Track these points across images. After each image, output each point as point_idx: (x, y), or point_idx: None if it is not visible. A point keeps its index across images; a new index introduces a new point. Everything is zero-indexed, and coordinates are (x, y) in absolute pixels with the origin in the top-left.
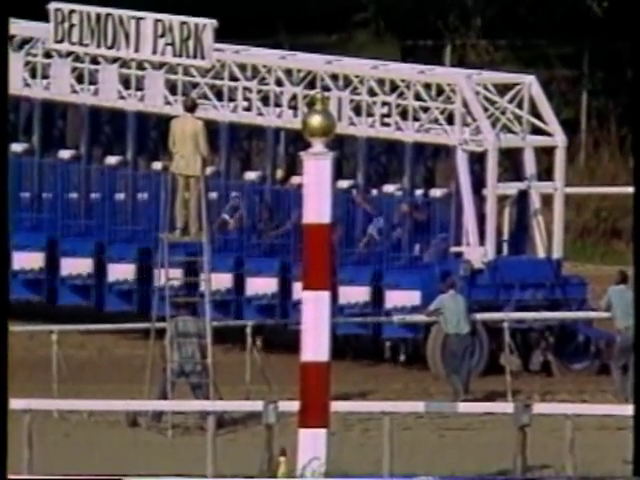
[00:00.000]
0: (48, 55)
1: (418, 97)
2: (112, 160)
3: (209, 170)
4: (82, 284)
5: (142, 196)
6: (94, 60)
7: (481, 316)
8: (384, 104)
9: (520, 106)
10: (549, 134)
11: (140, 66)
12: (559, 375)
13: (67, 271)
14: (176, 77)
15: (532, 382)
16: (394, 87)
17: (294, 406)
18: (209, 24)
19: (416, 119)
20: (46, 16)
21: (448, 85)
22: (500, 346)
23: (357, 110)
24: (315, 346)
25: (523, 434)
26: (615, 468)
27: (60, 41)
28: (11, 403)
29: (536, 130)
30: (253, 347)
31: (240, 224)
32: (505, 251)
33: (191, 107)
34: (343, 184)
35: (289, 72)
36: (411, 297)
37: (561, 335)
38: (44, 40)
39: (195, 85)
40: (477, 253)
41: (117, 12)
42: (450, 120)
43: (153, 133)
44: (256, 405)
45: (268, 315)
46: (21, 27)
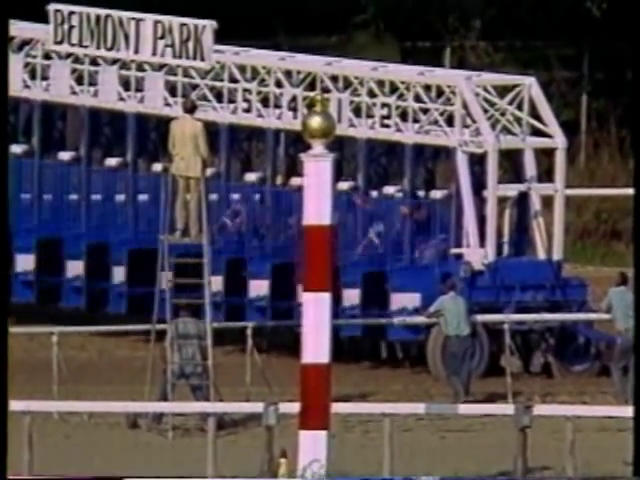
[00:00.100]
0: (48, 56)
1: (418, 99)
2: (112, 162)
3: (209, 172)
4: (81, 286)
5: (142, 198)
6: (94, 61)
7: (481, 318)
8: (384, 105)
9: (520, 108)
10: (549, 136)
11: (140, 67)
12: (559, 377)
13: (72, 273)
14: (176, 78)
15: (532, 384)
16: (394, 88)
17: (294, 408)
18: (209, 25)
19: (416, 121)
20: (46, 17)
21: (448, 87)
22: (500, 348)
23: (357, 111)
24: (315, 348)
25: (524, 435)
26: (615, 469)
27: (60, 42)
28: (11, 405)
29: (536, 132)
30: (254, 349)
31: (240, 228)
32: (505, 253)
33: (191, 108)
34: (343, 186)
35: (289, 73)
36: (411, 299)
37: (561, 337)
38: (44, 41)
39: (195, 86)
40: (477, 255)
41: (117, 13)
42: (450, 122)
43: (153, 135)
44: (256, 407)
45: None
46: (21, 28)
